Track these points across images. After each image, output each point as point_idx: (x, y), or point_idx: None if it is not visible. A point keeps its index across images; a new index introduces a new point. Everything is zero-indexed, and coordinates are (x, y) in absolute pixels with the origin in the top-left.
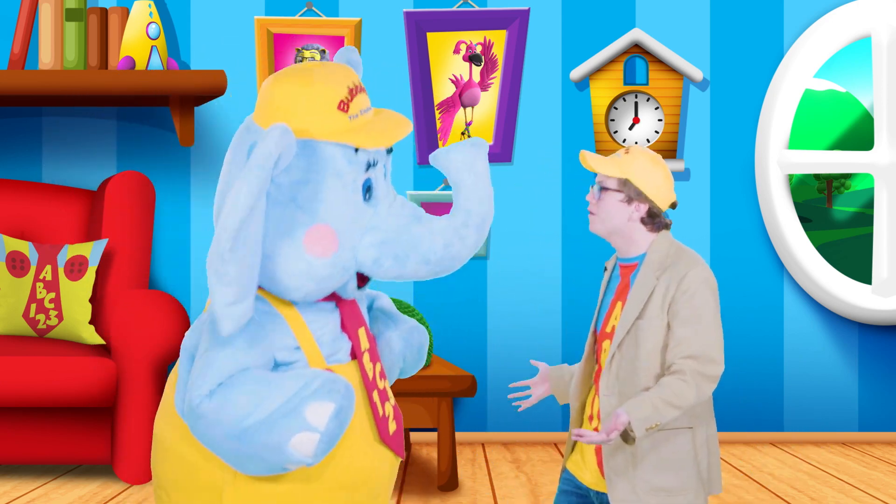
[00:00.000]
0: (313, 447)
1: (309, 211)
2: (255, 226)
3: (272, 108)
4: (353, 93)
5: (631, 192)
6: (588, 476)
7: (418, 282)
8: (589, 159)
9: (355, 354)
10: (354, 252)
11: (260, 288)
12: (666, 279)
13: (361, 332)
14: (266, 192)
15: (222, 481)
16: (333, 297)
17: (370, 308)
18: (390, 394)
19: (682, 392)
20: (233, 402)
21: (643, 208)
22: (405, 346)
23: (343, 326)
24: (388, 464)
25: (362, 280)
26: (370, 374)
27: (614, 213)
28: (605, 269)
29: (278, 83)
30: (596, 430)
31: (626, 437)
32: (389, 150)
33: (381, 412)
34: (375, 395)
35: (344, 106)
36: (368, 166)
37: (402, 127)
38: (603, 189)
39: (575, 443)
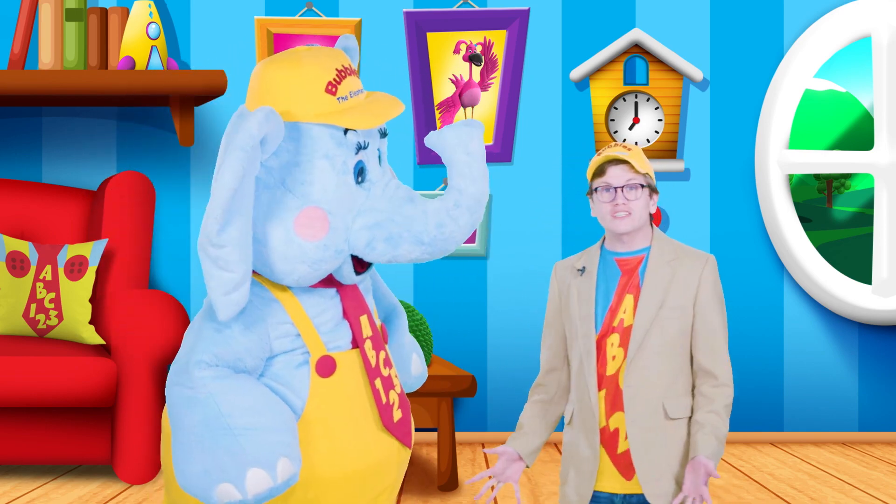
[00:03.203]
0: (262, 488)
1: (299, 194)
2: (243, 208)
3: (261, 92)
4: (341, 75)
5: (652, 185)
6: (615, 483)
7: (418, 282)
8: (634, 162)
9: (357, 342)
10: (347, 235)
11: (256, 273)
12: (685, 267)
13: (364, 319)
14: (256, 177)
15: None
16: (334, 284)
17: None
18: (397, 382)
19: (724, 429)
20: (232, 394)
21: (655, 198)
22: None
23: (344, 314)
24: (395, 454)
25: (362, 265)
26: (373, 362)
27: (644, 209)
28: (582, 270)
29: (267, 68)
30: (615, 435)
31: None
32: (384, 134)
33: (384, 399)
34: (378, 382)
35: (332, 88)
36: (359, 148)
37: (392, 107)
38: (633, 187)
39: (601, 461)
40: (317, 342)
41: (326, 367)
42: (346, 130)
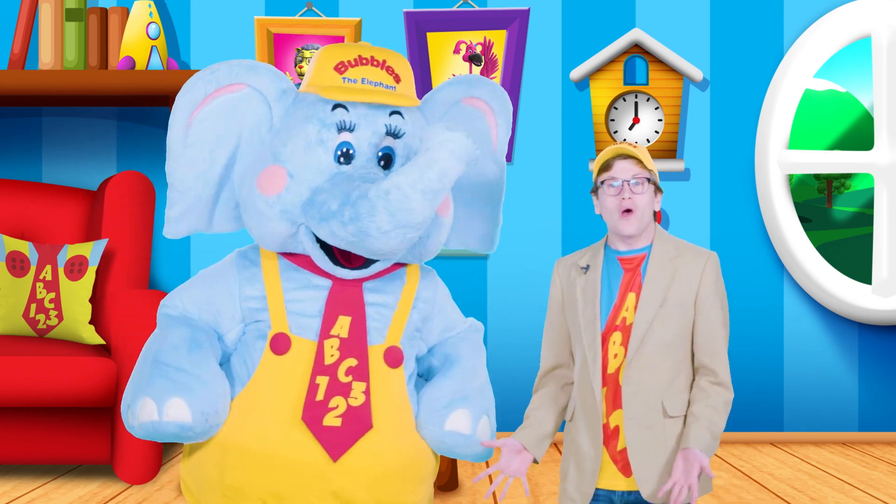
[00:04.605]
0: (146, 419)
1: (273, 153)
2: (208, 143)
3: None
4: (362, 61)
5: (657, 183)
6: (615, 481)
7: None
8: (640, 155)
9: (321, 336)
10: (302, 202)
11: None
12: (687, 265)
13: (344, 320)
14: (255, 150)
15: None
16: (331, 277)
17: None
18: (361, 396)
19: (720, 424)
20: (166, 331)
21: (659, 197)
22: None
23: (326, 306)
24: (311, 456)
25: (348, 260)
26: (327, 360)
27: (649, 205)
28: (586, 267)
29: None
30: (615, 433)
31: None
32: (396, 135)
33: (319, 398)
34: (324, 380)
35: (342, 67)
36: (341, 128)
37: (386, 97)
38: (639, 181)
39: (602, 459)
40: (280, 318)
41: (280, 344)
42: (334, 106)
